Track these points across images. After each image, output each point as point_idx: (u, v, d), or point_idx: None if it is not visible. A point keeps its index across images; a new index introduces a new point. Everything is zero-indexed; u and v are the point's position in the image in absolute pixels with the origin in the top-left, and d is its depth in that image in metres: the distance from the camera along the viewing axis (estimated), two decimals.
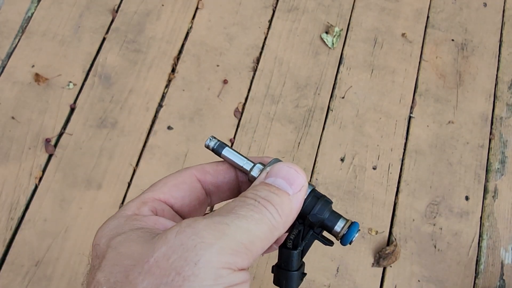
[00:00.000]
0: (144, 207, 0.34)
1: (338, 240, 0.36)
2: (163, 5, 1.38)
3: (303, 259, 0.38)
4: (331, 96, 1.31)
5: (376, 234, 1.18)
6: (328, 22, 1.39)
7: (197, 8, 1.39)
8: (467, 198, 1.23)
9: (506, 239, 1.20)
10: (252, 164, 0.37)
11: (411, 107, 1.32)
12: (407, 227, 1.19)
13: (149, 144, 1.22)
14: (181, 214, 0.37)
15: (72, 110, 1.25)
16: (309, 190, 0.36)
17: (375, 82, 1.34)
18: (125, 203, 1.16)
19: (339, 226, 0.36)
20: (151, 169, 1.20)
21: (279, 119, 1.27)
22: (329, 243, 0.37)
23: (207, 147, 0.39)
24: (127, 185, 1.18)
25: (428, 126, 1.30)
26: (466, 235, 1.20)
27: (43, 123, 1.22)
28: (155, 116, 1.25)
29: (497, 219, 1.22)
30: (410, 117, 1.31)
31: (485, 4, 1.46)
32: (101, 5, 1.36)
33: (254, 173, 0.36)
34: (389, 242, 1.18)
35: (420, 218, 1.20)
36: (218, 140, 0.39)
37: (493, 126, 1.32)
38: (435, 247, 1.18)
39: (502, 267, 1.18)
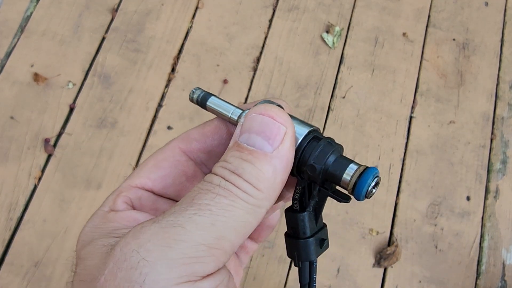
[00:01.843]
0: (118, 200, 0.29)
1: (351, 194, 0.28)
2: (163, 4, 1.37)
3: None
4: (332, 96, 1.31)
5: (377, 234, 1.17)
6: (328, 22, 1.39)
7: (197, 7, 1.38)
8: (468, 198, 1.23)
9: (507, 240, 1.20)
10: (240, 112, 0.29)
11: (412, 107, 1.31)
12: (408, 227, 1.19)
13: (149, 144, 1.22)
14: (169, 197, 0.32)
15: (71, 110, 1.24)
16: (305, 134, 0.27)
17: (376, 82, 1.33)
18: None
19: (348, 174, 0.27)
20: None
21: None
22: (344, 198, 0.28)
23: (191, 100, 0.32)
24: None
25: (429, 126, 1.29)
26: (468, 236, 1.19)
27: (43, 123, 1.22)
28: (155, 116, 1.25)
29: (498, 219, 1.22)
30: (411, 117, 1.30)
31: (486, 4, 1.45)
32: (101, 5, 1.36)
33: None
34: (390, 242, 1.17)
35: (421, 218, 1.20)
36: (203, 91, 0.31)
37: (494, 126, 1.31)
38: (436, 247, 1.18)
39: (503, 268, 1.18)
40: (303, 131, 0.27)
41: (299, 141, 0.27)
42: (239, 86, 1.30)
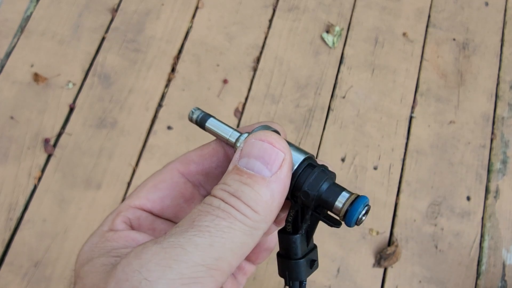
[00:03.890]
0: (117, 220, 0.30)
1: (342, 220, 0.29)
2: (163, 4, 1.37)
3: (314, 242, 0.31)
4: (332, 96, 1.31)
5: (377, 234, 1.17)
6: (328, 22, 1.39)
7: (197, 7, 1.38)
8: (468, 198, 1.22)
9: (507, 240, 1.20)
10: (238, 135, 0.31)
11: (412, 107, 1.31)
12: (408, 227, 1.19)
13: (149, 144, 1.22)
14: (167, 217, 0.32)
15: (71, 110, 1.24)
16: (300, 160, 0.29)
17: (376, 82, 1.33)
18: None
19: (340, 202, 0.28)
20: (151, 169, 1.19)
21: (280, 119, 1.27)
22: (335, 224, 0.30)
23: (191, 120, 0.33)
24: (126, 185, 1.18)
25: (429, 126, 1.29)
26: (468, 236, 1.19)
27: (42, 123, 1.22)
28: (155, 116, 1.25)
29: (498, 219, 1.22)
30: (411, 117, 1.30)
31: (486, 4, 1.45)
32: (101, 4, 1.36)
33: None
34: (390, 242, 1.17)
35: (421, 218, 1.20)
36: (203, 111, 0.33)
37: (494, 126, 1.31)
38: (436, 247, 1.18)
39: (503, 268, 1.18)
40: (299, 157, 0.29)
41: (295, 167, 0.29)
42: (239, 86, 1.30)
